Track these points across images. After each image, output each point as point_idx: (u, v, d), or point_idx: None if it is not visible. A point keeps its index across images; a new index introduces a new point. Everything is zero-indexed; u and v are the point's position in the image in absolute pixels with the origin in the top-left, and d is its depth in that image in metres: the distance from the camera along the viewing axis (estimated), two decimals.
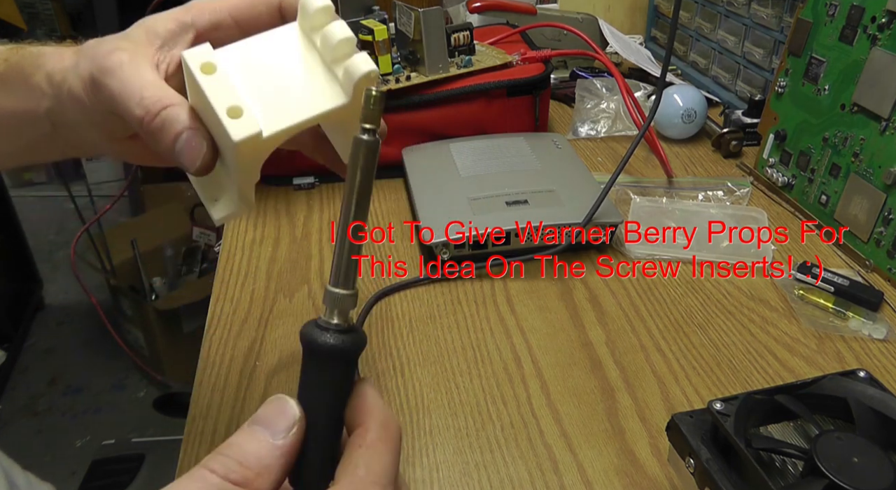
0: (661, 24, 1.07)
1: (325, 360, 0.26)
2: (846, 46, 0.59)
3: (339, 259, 0.26)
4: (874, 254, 0.57)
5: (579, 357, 0.49)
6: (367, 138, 0.25)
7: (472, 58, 0.72)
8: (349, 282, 0.26)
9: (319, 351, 0.25)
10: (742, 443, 0.31)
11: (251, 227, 0.66)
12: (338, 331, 0.26)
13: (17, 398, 1.68)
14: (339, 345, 0.25)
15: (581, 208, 0.58)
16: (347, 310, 0.26)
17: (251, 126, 0.28)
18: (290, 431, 0.25)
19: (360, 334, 0.27)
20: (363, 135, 0.25)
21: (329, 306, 0.26)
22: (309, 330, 0.26)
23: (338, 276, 0.26)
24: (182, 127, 0.30)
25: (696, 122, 0.78)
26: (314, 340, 0.25)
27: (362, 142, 0.25)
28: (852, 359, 0.49)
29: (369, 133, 0.25)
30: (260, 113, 0.29)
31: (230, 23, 0.34)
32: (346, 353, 0.26)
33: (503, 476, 0.41)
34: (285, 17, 0.34)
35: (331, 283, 0.26)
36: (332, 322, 0.26)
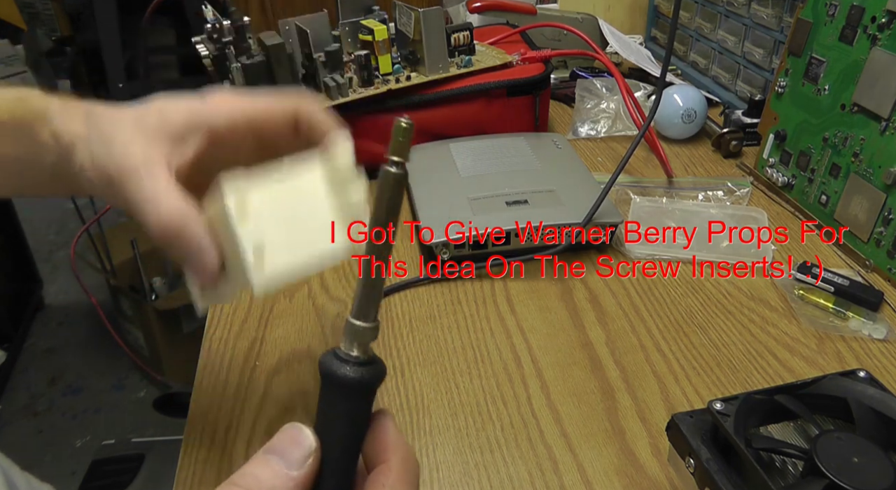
0: (661, 24, 1.07)
1: (344, 392, 0.25)
2: (846, 46, 0.59)
3: (362, 291, 0.26)
4: (874, 254, 0.57)
5: (579, 357, 0.49)
6: (394, 171, 0.24)
7: (472, 58, 0.72)
8: (371, 314, 0.26)
9: (338, 383, 0.25)
10: (742, 443, 0.31)
11: None
12: (357, 363, 0.25)
13: (17, 398, 1.68)
14: (358, 378, 0.25)
15: (581, 208, 0.58)
16: (368, 342, 0.26)
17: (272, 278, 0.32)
18: (306, 462, 0.24)
19: (380, 366, 0.26)
20: (391, 167, 0.24)
21: (349, 338, 0.26)
22: (328, 361, 0.26)
23: (360, 308, 0.25)
24: (196, 247, 0.32)
25: (696, 122, 0.78)
26: (333, 372, 0.25)
27: (389, 174, 0.24)
28: (852, 359, 0.49)
29: (397, 166, 0.24)
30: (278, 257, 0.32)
31: (245, 127, 0.35)
32: (366, 386, 0.26)
33: (503, 476, 0.41)
34: (299, 129, 0.36)
35: (352, 315, 0.25)
36: (351, 354, 0.25)
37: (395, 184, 0.24)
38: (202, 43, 0.75)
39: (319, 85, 0.66)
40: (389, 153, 0.24)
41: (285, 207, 0.33)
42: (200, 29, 0.72)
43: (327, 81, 0.65)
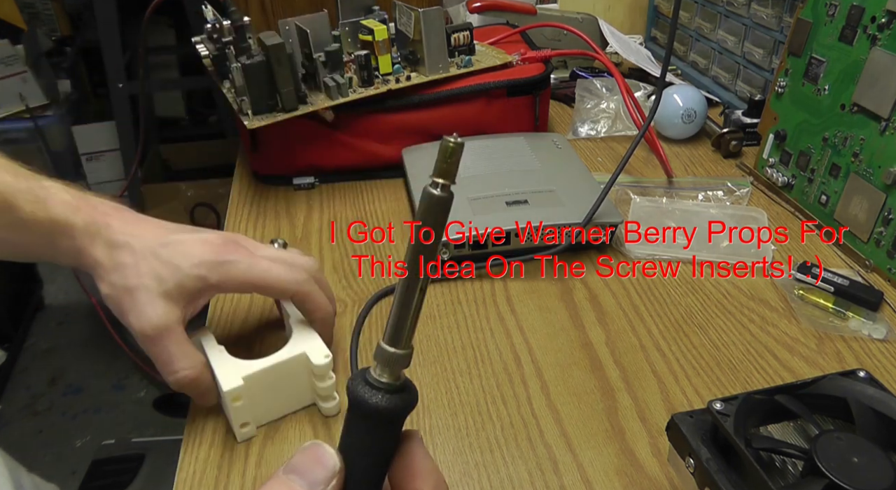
0: (661, 24, 1.07)
1: (373, 420, 0.24)
2: (846, 46, 0.59)
3: (398, 317, 0.24)
4: (874, 254, 0.57)
5: (579, 357, 0.49)
6: (438, 193, 0.23)
7: (472, 58, 0.72)
8: (404, 340, 0.24)
9: (369, 411, 0.24)
10: (742, 443, 0.31)
11: (251, 227, 0.66)
12: (389, 391, 0.24)
13: (17, 398, 1.68)
14: (389, 406, 0.24)
15: (581, 208, 0.58)
16: (400, 368, 0.25)
17: (250, 433, 0.43)
18: (329, 483, 0.23)
19: (412, 393, 0.25)
20: (434, 189, 0.23)
21: (382, 364, 0.24)
22: (358, 388, 0.24)
23: (395, 334, 0.24)
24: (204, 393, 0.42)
25: (696, 122, 0.78)
26: (364, 401, 0.24)
27: (433, 197, 0.23)
28: (852, 359, 0.49)
29: (442, 188, 0.23)
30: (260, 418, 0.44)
31: (250, 289, 0.44)
32: (396, 415, 0.25)
33: (503, 476, 0.41)
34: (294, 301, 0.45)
35: (386, 340, 0.24)
36: (382, 380, 0.24)
37: (438, 207, 0.23)
38: (202, 43, 0.75)
39: (319, 85, 0.66)
40: (434, 174, 0.23)
41: (271, 379, 0.42)
42: (200, 29, 0.72)
43: (327, 81, 0.65)
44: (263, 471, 0.41)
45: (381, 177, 0.73)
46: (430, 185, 0.23)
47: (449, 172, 0.22)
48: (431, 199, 0.23)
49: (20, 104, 1.96)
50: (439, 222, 0.23)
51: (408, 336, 0.24)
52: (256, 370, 0.42)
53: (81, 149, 2.11)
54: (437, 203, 0.23)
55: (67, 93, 2.13)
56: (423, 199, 0.23)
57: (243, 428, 0.43)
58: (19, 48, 1.95)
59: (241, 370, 0.41)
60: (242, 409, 0.42)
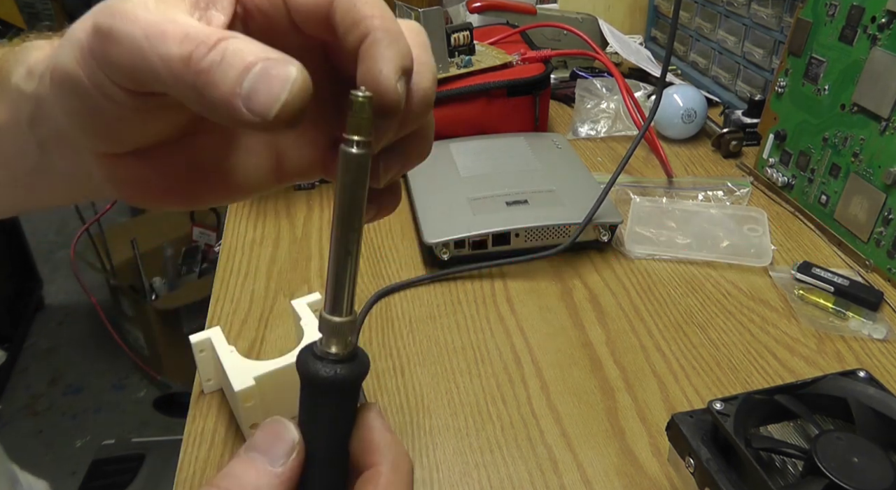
0: (661, 24, 1.07)
1: (322, 392, 0.24)
2: (846, 46, 0.59)
3: (335, 284, 0.23)
4: (874, 254, 0.57)
5: (579, 357, 0.49)
6: (355, 151, 0.21)
7: (472, 58, 0.72)
8: (344, 307, 0.24)
9: (315, 383, 0.24)
10: (742, 443, 0.31)
11: (251, 227, 0.66)
12: (335, 361, 0.24)
13: (17, 398, 1.68)
14: (333, 376, 0.23)
15: (581, 208, 0.58)
16: (346, 336, 0.24)
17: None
18: (290, 457, 0.23)
19: (360, 362, 0.24)
20: (350, 147, 0.21)
21: (326, 335, 0.24)
22: (304, 359, 0.24)
23: (332, 301, 0.23)
24: (255, 57, 0.20)
25: (696, 122, 0.78)
26: (308, 371, 0.23)
27: (350, 156, 0.22)
28: (852, 359, 0.49)
29: (357, 145, 0.21)
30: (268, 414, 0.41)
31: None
32: (345, 385, 0.24)
33: (503, 476, 0.41)
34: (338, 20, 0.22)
35: (326, 310, 0.23)
36: (329, 351, 0.24)
37: (358, 166, 0.22)
38: None
39: None
40: (347, 130, 0.21)
41: (281, 383, 0.42)
42: None
43: None
44: None
45: None
46: (345, 144, 0.21)
47: (362, 127, 0.21)
48: (348, 158, 0.22)
49: None
50: (360, 181, 0.22)
51: (348, 303, 0.24)
52: (268, 371, 0.41)
53: None
54: (355, 161, 0.22)
55: None
56: (341, 160, 0.22)
57: (253, 429, 0.43)
58: None
59: (253, 371, 0.41)
60: (253, 409, 0.41)
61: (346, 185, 0.22)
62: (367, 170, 0.22)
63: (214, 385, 0.47)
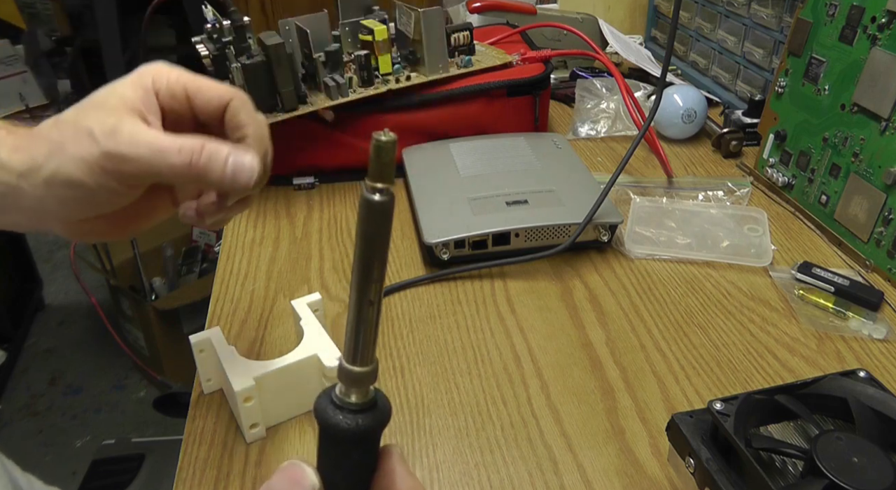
0: (661, 24, 1.07)
1: (340, 441, 0.23)
2: (846, 46, 0.59)
3: (355, 333, 0.22)
4: (874, 254, 0.57)
5: (579, 357, 0.49)
6: (377, 199, 0.20)
7: (472, 58, 0.72)
8: (366, 358, 0.23)
9: (336, 433, 0.23)
10: (742, 443, 0.31)
11: (251, 227, 0.66)
12: (355, 410, 0.23)
13: (17, 398, 1.68)
14: (355, 427, 0.23)
15: (581, 208, 0.58)
16: (366, 386, 0.23)
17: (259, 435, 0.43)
18: None
19: (382, 410, 0.24)
20: (372, 194, 0.20)
21: (345, 384, 0.23)
22: (323, 407, 0.23)
23: (353, 352, 0.22)
24: (227, 151, 0.34)
25: (696, 122, 0.78)
26: (328, 421, 0.23)
27: (372, 204, 0.20)
28: (852, 359, 0.49)
29: (379, 193, 0.20)
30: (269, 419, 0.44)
31: (183, 98, 0.36)
32: (364, 435, 0.23)
33: (503, 476, 0.41)
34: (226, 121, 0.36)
35: (346, 359, 0.23)
36: (348, 400, 0.23)
37: (379, 214, 0.21)
38: (202, 43, 0.75)
39: (319, 85, 0.66)
40: (368, 177, 0.20)
41: (281, 383, 0.42)
42: (200, 29, 0.72)
43: (327, 81, 0.65)
44: (263, 471, 0.41)
45: None
46: (367, 191, 0.20)
47: (385, 174, 0.20)
48: (371, 207, 0.20)
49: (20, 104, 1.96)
50: (383, 231, 0.21)
51: (369, 352, 0.23)
52: (268, 371, 0.42)
53: None
54: (378, 210, 0.21)
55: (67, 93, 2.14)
56: (362, 207, 0.21)
57: (252, 429, 0.43)
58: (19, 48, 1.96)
59: (253, 371, 0.41)
60: (252, 409, 0.42)
61: (367, 234, 0.21)
62: (391, 218, 0.21)
63: (214, 385, 0.47)
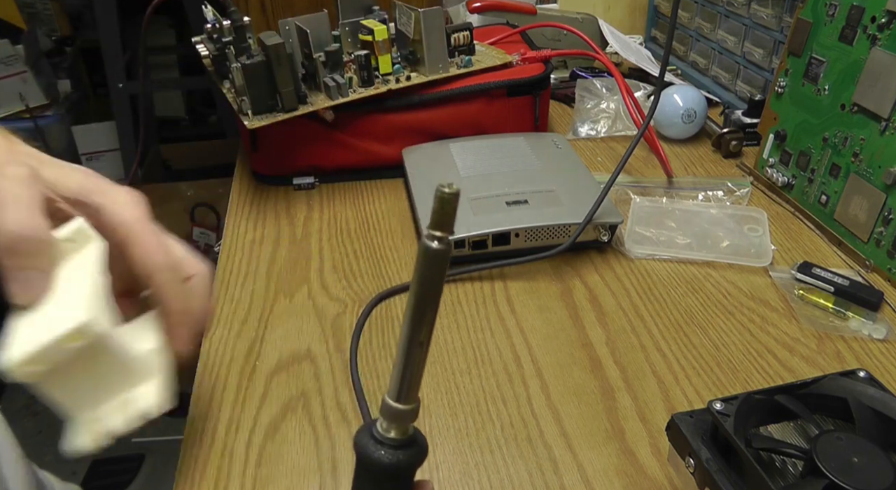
0: (661, 24, 1.07)
1: (380, 476, 0.24)
2: (846, 46, 0.59)
3: (401, 373, 0.23)
4: (874, 254, 0.57)
5: (579, 357, 0.49)
6: (436, 247, 0.21)
7: (472, 58, 0.72)
8: (412, 396, 0.24)
9: (377, 468, 0.24)
10: (742, 443, 0.31)
11: (251, 227, 0.66)
12: (394, 446, 0.24)
13: (17, 398, 1.68)
14: (397, 463, 0.24)
15: (581, 208, 0.58)
16: (407, 423, 0.24)
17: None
18: None
19: (419, 447, 0.25)
20: (431, 242, 0.21)
21: (388, 420, 0.24)
22: (364, 442, 0.24)
23: (400, 390, 0.23)
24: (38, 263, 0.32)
25: (696, 122, 0.78)
26: (370, 456, 0.24)
27: (431, 251, 0.21)
28: (852, 359, 0.49)
29: (439, 241, 0.21)
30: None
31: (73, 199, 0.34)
32: (404, 471, 0.24)
33: (503, 476, 0.41)
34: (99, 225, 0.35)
35: (391, 396, 0.24)
36: (389, 436, 0.24)
37: (436, 260, 0.22)
38: (202, 43, 0.75)
39: (319, 85, 0.66)
40: (430, 225, 0.21)
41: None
42: (200, 29, 0.72)
43: (327, 81, 0.65)
44: (263, 471, 0.41)
45: (381, 177, 0.73)
46: (427, 238, 0.21)
47: (446, 223, 0.21)
48: (429, 254, 0.21)
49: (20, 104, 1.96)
50: (438, 276, 0.22)
51: (413, 391, 0.24)
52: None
53: (81, 149, 2.11)
54: (436, 257, 0.21)
55: (67, 93, 2.13)
56: (421, 254, 0.22)
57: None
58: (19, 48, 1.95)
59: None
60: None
61: (424, 279, 0.22)
62: (447, 264, 0.22)
63: None
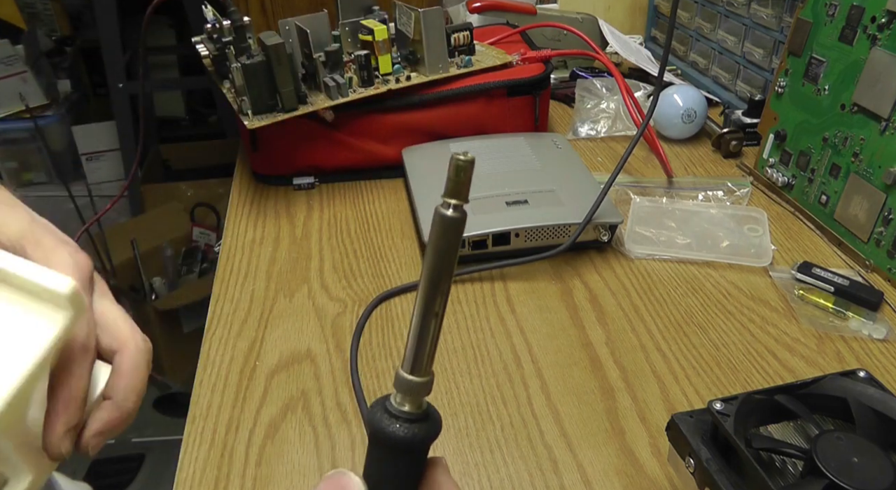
0: (661, 24, 1.07)
1: (394, 450, 0.24)
2: (846, 46, 0.59)
3: (417, 344, 0.23)
4: (874, 254, 0.57)
5: (579, 357, 0.49)
6: (451, 214, 0.21)
7: (472, 58, 0.72)
8: (424, 367, 0.24)
9: (389, 441, 0.23)
10: (742, 443, 0.31)
11: (251, 227, 0.66)
12: (409, 420, 0.23)
13: None
14: (408, 436, 0.23)
15: (581, 208, 0.58)
16: (421, 396, 0.24)
17: None
18: None
19: (434, 421, 0.24)
20: (446, 210, 0.21)
21: (402, 393, 0.24)
22: (377, 416, 0.24)
23: (415, 362, 0.23)
24: None
25: (696, 122, 0.78)
26: (384, 430, 0.23)
27: (446, 218, 0.21)
28: (852, 359, 0.49)
29: (454, 208, 0.21)
30: None
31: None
32: (420, 445, 0.24)
33: (503, 476, 0.41)
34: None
35: (405, 368, 0.24)
36: (403, 409, 0.24)
37: (451, 229, 0.22)
38: (202, 43, 0.75)
39: (319, 85, 0.66)
40: (445, 193, 0.21)
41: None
42: (200, 29, 0.72)
43: (327, 81, 0.65)
44: (263, 471, 0.41)
45: (381, 177, 0.73)
46: (442, 206, 0.21)
47: (461, 191, 0.21)
48: (444, 221, 0.21)
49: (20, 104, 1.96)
50: (453, 245, 0.22)
51: (427, 363, 0.24)
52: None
53: (81, 149, 2.11)
54: (451, 225, 0.22)
55: (67, 93, 2.14)
56: (436, 222, 0.22)
57: None
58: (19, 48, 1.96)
59: None
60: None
61: (438, 248, 0.22)
62: (461, 233, 0.22)
63: None
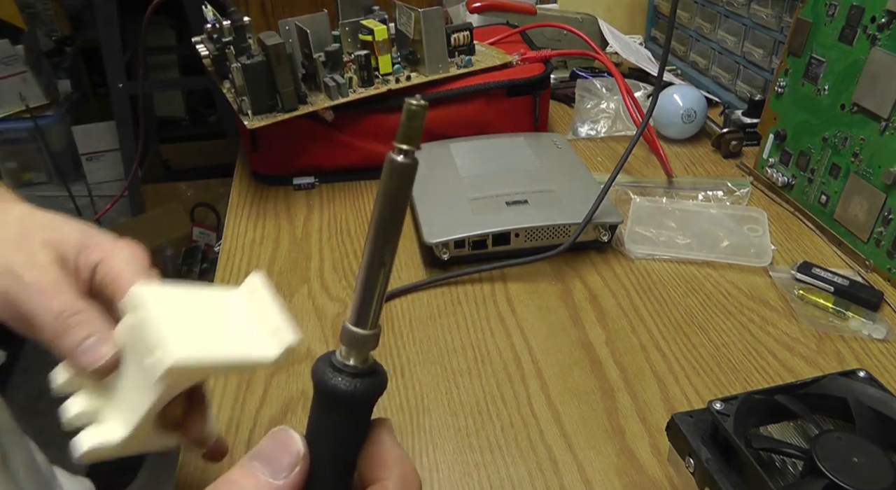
0: (661, 24, 1.07)
1: (336, 403, 0.23)
2: (846, 46, 0.59)
3: (363, 296, 0.23)
4: (874, 254, 0.57)
5: (579, 357, 0.49)
6: (400, 160, 0.21)
7: (472, 58, 0.72)
8: (370, 320, 0.23)
9: (331, 393, 0.23)
10: (742, 443, 0.31)
11: (251, 227, 0.66)
12: (353, 374, 0.23)
13: (17, 398, 1.68)
14: (351, 390, 0.23)
15: (581, 208, 0.58)
16: (367, 350, 0.23)
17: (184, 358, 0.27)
18: (293, 470, 0.23)
19: (379, 377, 0.24)
20: (397, 155, 0.21)
21: (347, 346, 0.23)
22: (321, 368, 0.23)
23: (359, 314, 0.23)
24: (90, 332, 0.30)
25: (696, 122, 0.78)
26: (325, 382, 0.23)
27: (395, 163, 0.21)
28: (852, 359, 0.49)
29: (404, 154, 0.21)
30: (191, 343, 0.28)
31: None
32: (363, 399, 0.23)
33: (503, 476, 0.41)
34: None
35: (350, 320, 0.23)
36: (347, 363, 0.23)
37: (401, 175, 0.21)
38: (202, 43, 0.75)
39: (319, 85, 0.66)
40: (397, 139, 0.21)
41: (201, 309, 0.30)
42: (200, 29, 0.72)
43: (327, 81, 0.65)
44: None
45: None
46: (394, 152, 0.21)
47: (413, 137, 0.21)
48: (395, 167, 0.21)
49: (20, 104, 1.96)
50: (404, 192, 0.21)
51: (374, 316, 0.23)
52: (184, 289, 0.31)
53: (81, 149, 2.11)
54: (402, 171, 0.21)
55: (67, 93, 2.14)
56: (386, 167, 0.21)
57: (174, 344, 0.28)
58: (19, 48, 1.96)
59: None
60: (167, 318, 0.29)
61: (388, 194, 0.21)
62: (412, 180, 0.22)
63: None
